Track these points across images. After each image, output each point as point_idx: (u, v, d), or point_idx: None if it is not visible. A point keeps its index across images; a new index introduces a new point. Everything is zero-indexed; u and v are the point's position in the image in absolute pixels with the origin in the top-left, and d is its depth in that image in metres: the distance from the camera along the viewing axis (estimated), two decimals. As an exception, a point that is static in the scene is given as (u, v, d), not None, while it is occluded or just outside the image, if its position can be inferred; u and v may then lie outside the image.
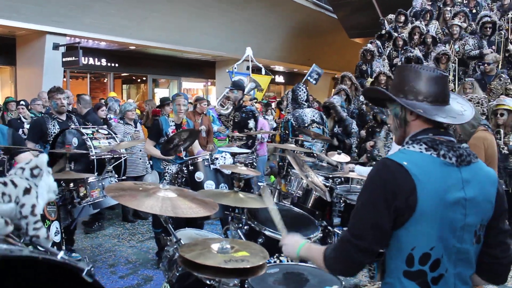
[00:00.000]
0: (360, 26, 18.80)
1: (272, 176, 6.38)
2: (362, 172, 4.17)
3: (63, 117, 5.55)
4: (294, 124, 6.34)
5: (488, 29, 9.28)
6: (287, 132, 6.40)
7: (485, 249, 1.82)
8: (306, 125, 6.30)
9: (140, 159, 7.40)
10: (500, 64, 8.87)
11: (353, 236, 1.69)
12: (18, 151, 4.07)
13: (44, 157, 1.85)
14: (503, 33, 9.37)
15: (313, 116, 6.34)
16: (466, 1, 11.90)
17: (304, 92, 6.51)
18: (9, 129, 4.20)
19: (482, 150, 4.71)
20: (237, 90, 6.94)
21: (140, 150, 7.40)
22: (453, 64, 8.92)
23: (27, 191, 1.79)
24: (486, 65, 8.25)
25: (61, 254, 1.18)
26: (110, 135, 5.31)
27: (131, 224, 7.44)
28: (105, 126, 5.78)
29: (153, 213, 1.95)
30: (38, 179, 1.82)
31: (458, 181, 1.72)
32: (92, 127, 5.38)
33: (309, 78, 12.36)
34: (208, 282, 2.30)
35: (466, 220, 1.73)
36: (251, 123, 6.76)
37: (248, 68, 14.58)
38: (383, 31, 11.33)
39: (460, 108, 1.85)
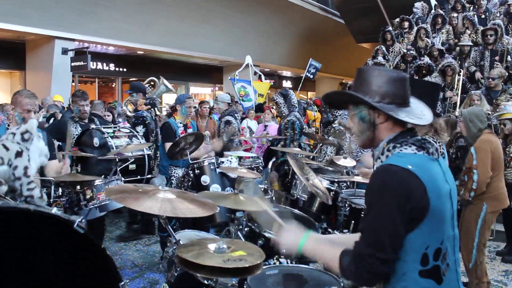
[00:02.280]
0: (367, 31, 18.78)
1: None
2: None
3: (86, 120, 5.57)
4: (299, 125, 6.40)
5: (489, 36, 9.10)
6: (295, 132, 6.37)
7: None
8: (304, 126, 6.48)
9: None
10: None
11: (374, 249, 1.66)
12: (51, 154, 4.22)
13: (33, 122, 1.92)
14: (506, 41, 9.20)
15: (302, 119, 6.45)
16: (475, 8, 11.79)
17: (294, 96, 6.59)
18: (43, 132, 4.29)
19: (489, 154, 4.70)
20: (136, 93, 6.81)
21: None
22: (458, 76, 8.80)
23: (18, 154, 1.85)
24: (490, 80, 8.12)
25: (54, 210, 1.22)
26: (131, 133, 5.35)
27: (137, 227, 7.46)
28: (127, 125, 5.81)
29: (152, 213, 1.97)
30: (29, 143, 1.88)
31: (442, 174, 1.81)
32: (114, 126, 5.43)
33: (307, 74, 12.29)
34: (206, 282, 2.33)
35: (453, 208, 1.82)
36: (139, 129, 6.20)
37: (255, 73, 14.58)
38: (387, 34, 11.28)
39: (419, 110, 1.87)
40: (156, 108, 6.70)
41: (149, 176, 5.28)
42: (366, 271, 1.67)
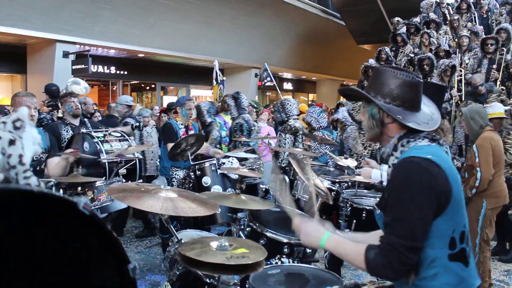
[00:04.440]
0: (368, 33, 18.80)
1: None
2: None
3: (76, 123, 5.53)
4: (247, 127, 6.90)
5: (490, 46, 8.98)
6: (244, 134, 6.86)
7: None
8: (253, 127, 7.01)
9: (152, 160, 7.68)
10: (498, 82, 8.77)
11: (407, 239, 1.69)
12: (54, 154, 4.23)
13: (24, 110, 1.90)
14: (504, 50, 9.09)
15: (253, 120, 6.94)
16: (477, 8, 11.72)
17: (246, 99, 7.03)
18: (46, 133, 4.29)
19: (489, 150, 4.72)
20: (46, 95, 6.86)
21: (152, 152, 7.68)
22: (459, 77, 8.75)
23: (12, 142, 1.82)
24: (479, 88, 8.00)
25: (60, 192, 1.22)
26: (123, 137, 5.34)
27: (138, 230, 7.47)
28: (118, 129, 5.82)
29: (154, 212, 1.98)
30: (21, 131, 1.85)
31: (451, 161, 1.89)
32: (105, 130, 5.42)
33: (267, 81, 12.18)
34: (208, 280, 2.33)
35: (462, 193, 1.88)
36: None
37: (256, 75, 14.51)
38: (398, 37, 11.00)
39: (429, 112, 1.95)
40: (58, 110, 6.81)
41: (140, 181, 5.29)
42: (400, 263, 1.69)
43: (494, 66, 8.93)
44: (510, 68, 8.61)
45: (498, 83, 8.79)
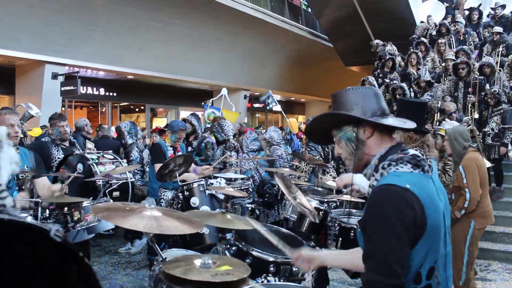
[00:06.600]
0: (355, 54, 18.97)
1: None
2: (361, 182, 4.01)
3: (66, 143, 5.54)
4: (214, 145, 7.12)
5: (461, 70, 9.00)
6: (214, 152, 7.02)
7: None
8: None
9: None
10: (476, 104, 8.84)
11: (385, 276, 1.59)
12: (40, 175, 4.18)
13: (2, 129, 1.85)
14: (477, 74, 9.19)
15: None
16: (454, 31, 11.77)
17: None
18: (30, 152, 4.27)
19: (476, 170, 4.74)
20: None
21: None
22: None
23: None
24: (452, 114, 7.90)
25: (29, 219, 1.17)
26: (115, 160, 5.33)
27: (126, 252, 7.40)
28: (110, 151, 5.80)
29: (137, 230, 1.97)
30: None
31: (435, 191, 1.77)
32: (97, 152, 5.40)
33: (270, 106, 12.10)
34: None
35: (446, 225, 1.79)
36: None
37: (245, 97, 14.53)
38: (389, 62, 10.89)
39: (400, 120, 1.87)
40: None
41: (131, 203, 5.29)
42: None
43: (470, 90, 8.97)
44: (487, 98, 8.57)
45: (476, 105, 8.85)
